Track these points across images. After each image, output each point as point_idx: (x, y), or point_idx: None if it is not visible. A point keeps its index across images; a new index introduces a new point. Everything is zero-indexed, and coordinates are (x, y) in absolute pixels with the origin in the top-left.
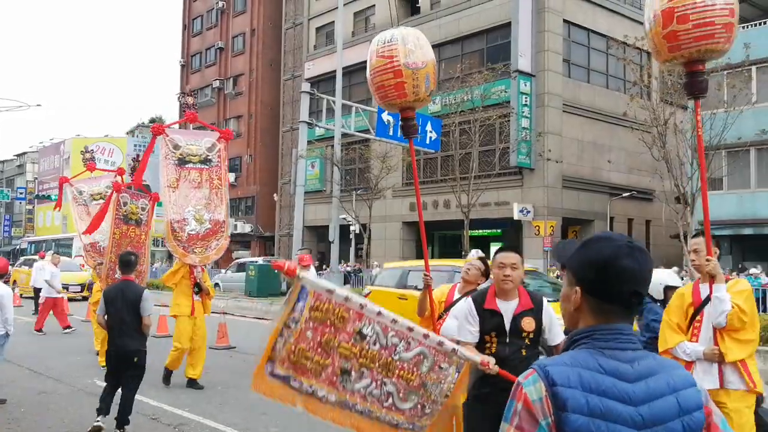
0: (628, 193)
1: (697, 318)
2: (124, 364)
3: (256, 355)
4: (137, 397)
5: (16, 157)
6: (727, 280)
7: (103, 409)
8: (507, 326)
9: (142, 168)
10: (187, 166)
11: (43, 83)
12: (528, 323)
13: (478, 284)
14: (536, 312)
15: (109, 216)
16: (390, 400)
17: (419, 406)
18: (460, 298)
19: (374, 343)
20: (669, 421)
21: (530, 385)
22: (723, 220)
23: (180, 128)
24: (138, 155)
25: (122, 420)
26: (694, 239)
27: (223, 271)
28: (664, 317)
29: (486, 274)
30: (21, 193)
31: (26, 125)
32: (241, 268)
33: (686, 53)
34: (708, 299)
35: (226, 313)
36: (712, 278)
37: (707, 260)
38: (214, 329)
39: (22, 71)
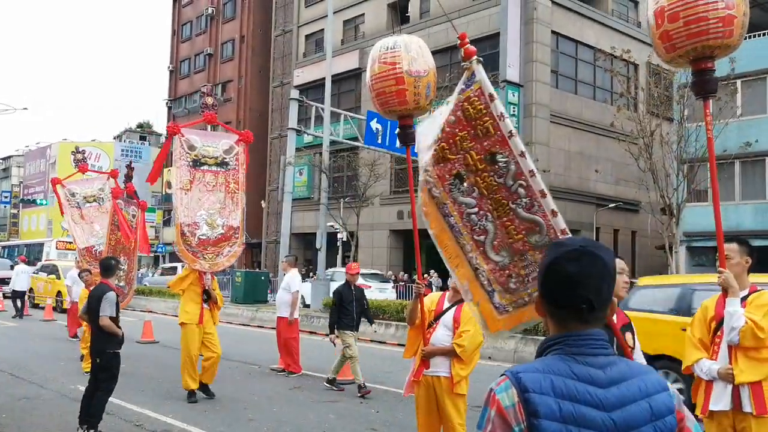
0: (614, 204)
1: (718, 333)
2: (94, 365)
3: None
4: (120, 402)
5: (1, 161)
6: (752, 291)
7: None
8: (614, 343)
9: (156, 169)
10: (201, 168)
11: (30, 87)
12: (629, 339)
13: None
14: (631, 328)
15: (104, 221)
16: (483, 237)
17: (507, 271)
18: (450, 307)
19: (500, 177)
20: (641, 426)
21: (503, 392)
22: (708, 232)
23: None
24: (131, 161)
25: (83, 418)
26: (725, 245)
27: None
28: (687, 332)
29: None
30: (6, 197)
31: (12, 129)
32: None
33: (683, 52)
34: None
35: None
36: (725, 292)
37: (719, 272)
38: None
39: (9, 74)
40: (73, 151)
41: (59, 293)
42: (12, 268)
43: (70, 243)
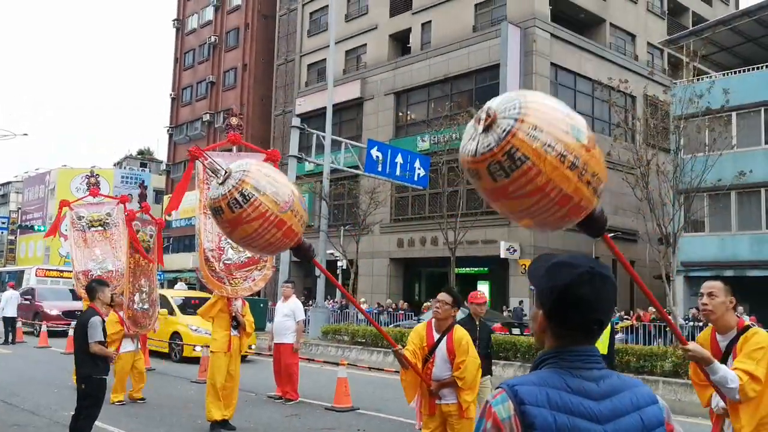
0: (612, 234)
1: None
2: (78, 391)
3: None
4: (112, 429)
5: (0, 187)
6: (741, 327)
7: None
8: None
9: (177, 194)
10: None
11: (31, 113)
12: None
13: (453, 317)
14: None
15: (106, 247)
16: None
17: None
18: (441, 338)
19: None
20: None
21: (499, 404)
22: (705, 262)
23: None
24: (143, 181)
25: None
26: (708, 283)
27: None
28: (690, 373)
29: (457, 304)
30: (3, 223)
31: (11, 154)
32: None
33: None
34: (729, 350)
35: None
36: (697, 363)
37: (683, 349)
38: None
39: (9, 100)
40: (87, 174)
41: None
42: None
43: (49, 270)
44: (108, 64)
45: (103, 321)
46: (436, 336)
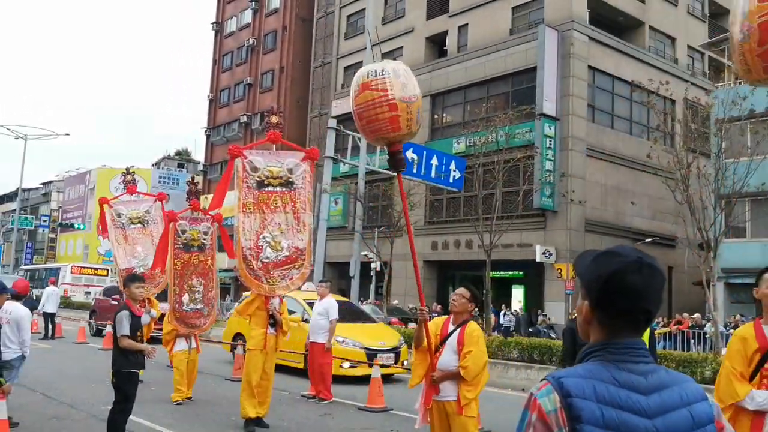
0: (650, 239)
1: (766, 366)
2: (112, 384)
3: None
4: (148, 424)
5: (41, 186)
6: None
7: None
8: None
9: (219, 193)
10: (266, 189)
11: (72, 113)
12: None
13: (470, 313)
14: None
15: (147, 243)
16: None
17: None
18: (454, 330)
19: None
20: None
21: (544, 396)
22: (746, 269)
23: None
24: (193, 177)
25: None
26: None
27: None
28: (726, 365)
29: (475, 300)
30: (45, 221)
31: (53, 154)
32: None
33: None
34: None
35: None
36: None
37: None
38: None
39: (53, 100)
40: (124, 172)
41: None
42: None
43: (84, 268)
44: (149, 67)
45: (137, 316)
46: (451, 328)
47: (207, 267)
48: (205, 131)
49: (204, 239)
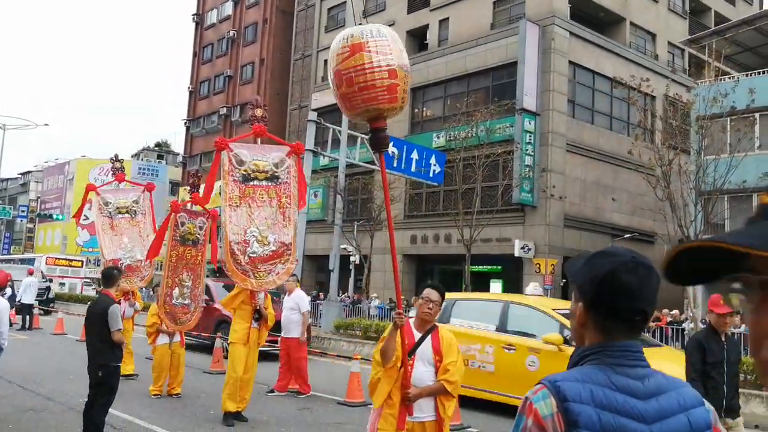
0: (630, 235)
1: None
2: (93, 379)
3: None
4: (127, 417)
5: (20, 176)
6: None
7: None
8: None
9: (209, 186)
10: (251, 183)
11: (51, 103)
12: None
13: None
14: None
15: (133, 234)
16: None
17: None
18: (423, 338)
19: None
20: None
21: (540, 401)
22: None
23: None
24: (197, 170)
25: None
26: None
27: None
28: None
29: (443, 302)
30: (23, 212)
31: (32, 144)
32: None
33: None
34: None
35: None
36: None
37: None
38: (209, 352)
39: (32, 90)
40: (112, 159)
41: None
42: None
43: (58, 259)
44: (128, 58)
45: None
46: (417, 335)
47: (197, 262)
48: (185, 123)
49: (198, 234)
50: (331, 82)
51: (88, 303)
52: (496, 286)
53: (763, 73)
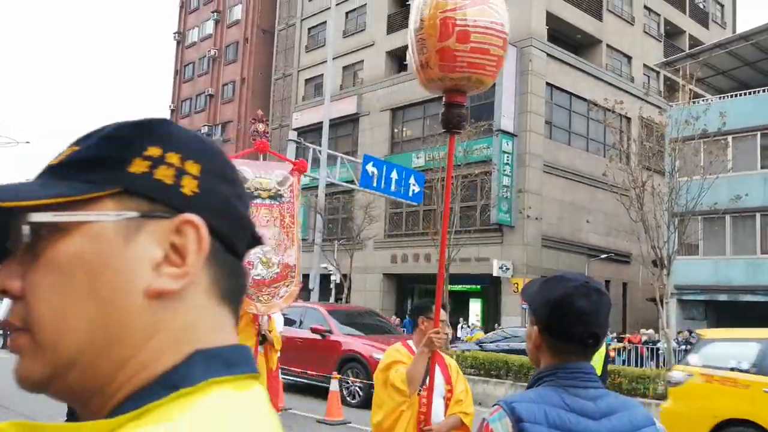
0: (605, 255)
1: None
2: None
3: None
4: None
5: None
6: None
7: None
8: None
9: None
10: (255, 202)
11: (33, 121)
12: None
13: None
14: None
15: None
16: None
17: None
18: (432, 365)
19: None
20: None
21: (496, 421)
22: (698, 286)
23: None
24: None
25: None
26: None
27: None
28: None
29: None
30: None
31: (14, 162)
32: None
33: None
34: None
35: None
36: None
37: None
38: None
39: (14, 108)
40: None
41: None
42: None
43: None
44: (110, 76)
45: None
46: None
47: None
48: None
49: None
50: (422, 28)
51: None
52: (475, 305)
53: (735, 96)
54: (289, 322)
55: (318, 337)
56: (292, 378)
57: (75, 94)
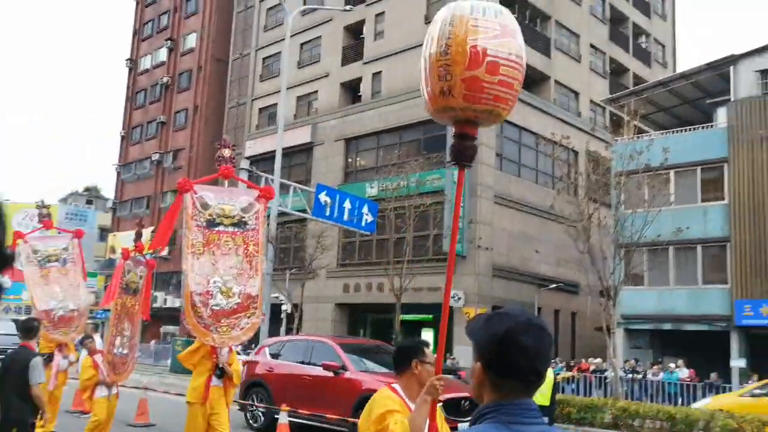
0: (555, 285)
1: None
2: None
3: None
4: None
5: None
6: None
7: None
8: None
9: (164, 229)
10: (217, 228)
11: None
12: None
13: None
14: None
15: (64, 282)
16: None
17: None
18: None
19: None
20: None
21: None
22: (644, 315)
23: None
24: (141, 219)
25: None
26: None
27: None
28: None
29: None
30: None
31: None
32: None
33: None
34: None
35: (147, 389)
36: None
37: None
38: (133, 405)
39: None
40: (38, 206)
41: None
42: None
43: None
44: (57, 101)
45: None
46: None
47: (135, 312)
48: (116, 168)
49: (139, 283)
50: (448, 54)
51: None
52: (427, 334)
53: (676, 132)
54: (293, 357)
55: (330, 374)
56: (298, 420)
57: (18, 117)
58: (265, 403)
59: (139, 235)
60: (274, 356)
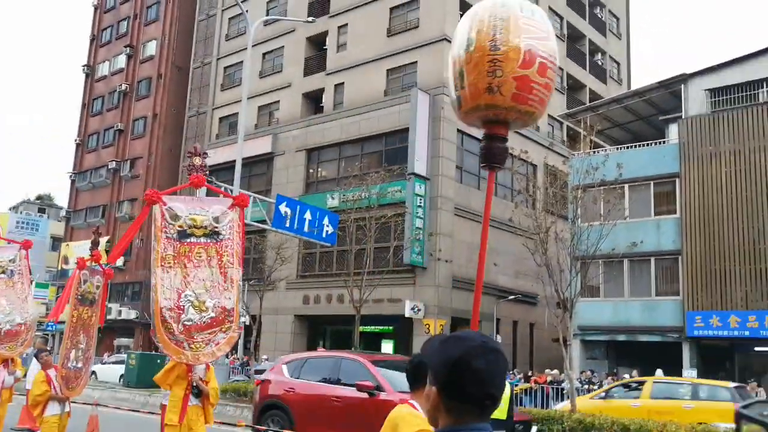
0: (513, 297)
1: None
2: None
3: None
4: None
5: None
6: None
7: None
8: None
9: (125, 242)
10: (188, 240)
11: None
12: None
13: None
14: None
15: (11, 295)
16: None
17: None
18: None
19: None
20: None
21: None
22: (600, 326)
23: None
24: (98, 228)
25: None
26: None
27: (104, 357)
28: None
29: None
30: None
31: None
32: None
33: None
34: None
35: (99, 405)
36: None
37: None
38: (83, 422)
39: None
40: None
41: None
42: None
43: None
44: (10, 106)
45: None
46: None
47: (91, 323)
48: (71, 176)
49: (95, 293)
50: (500, 50)
51: None
52: (387, 346)
53: (630, 147)
54: (316, 376)
55: (364, 395)
56: None
57: None
58: (286, 429)
59: (95, 244)
60: (293, 375)
